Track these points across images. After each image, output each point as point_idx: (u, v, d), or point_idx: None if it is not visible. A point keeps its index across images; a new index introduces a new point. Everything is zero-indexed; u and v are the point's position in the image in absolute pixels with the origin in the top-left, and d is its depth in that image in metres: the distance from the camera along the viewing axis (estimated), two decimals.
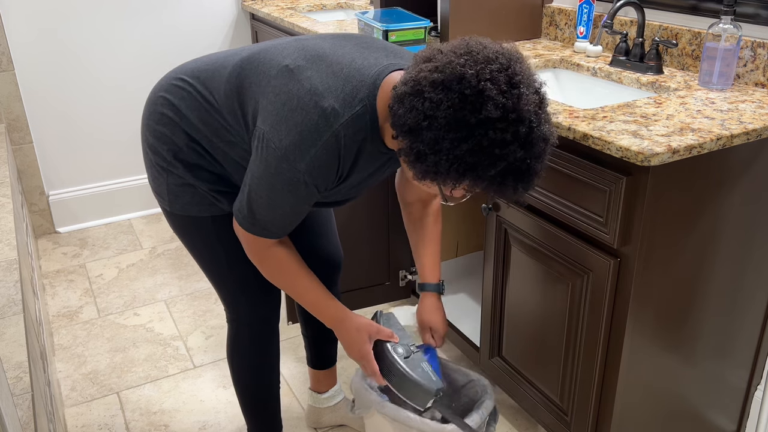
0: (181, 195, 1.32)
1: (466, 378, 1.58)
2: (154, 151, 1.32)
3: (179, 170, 1.30)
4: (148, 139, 1.32)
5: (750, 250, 1.45)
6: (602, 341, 1.39)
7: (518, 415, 1.85)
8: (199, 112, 1.25)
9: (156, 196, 1.39)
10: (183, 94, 1.27)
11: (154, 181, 1.35)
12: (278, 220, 1.19)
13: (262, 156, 1.13)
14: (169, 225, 1.43)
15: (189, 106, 1.26)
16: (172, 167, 1.30)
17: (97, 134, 2.88)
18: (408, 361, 1.30)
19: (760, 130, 1.30)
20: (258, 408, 1.57)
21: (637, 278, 1.30)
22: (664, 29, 1.74)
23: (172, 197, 1.33)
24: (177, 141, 1.28)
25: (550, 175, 1.40)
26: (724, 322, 1.50)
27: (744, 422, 1.69)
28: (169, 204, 1.35)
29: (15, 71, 2.62)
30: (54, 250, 2.77)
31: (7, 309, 1.45)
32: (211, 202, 1.32)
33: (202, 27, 2.93)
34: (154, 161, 1.33)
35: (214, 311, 2.35)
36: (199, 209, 1.33)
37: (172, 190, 1.32)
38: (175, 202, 1.33)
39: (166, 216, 1.41)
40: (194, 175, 1.30)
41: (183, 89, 1.27)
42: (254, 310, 1.46)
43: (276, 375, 1.55)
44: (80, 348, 2.17)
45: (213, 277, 1.45)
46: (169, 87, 1.29)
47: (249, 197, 1.17)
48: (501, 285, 1.67)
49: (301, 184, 1.12)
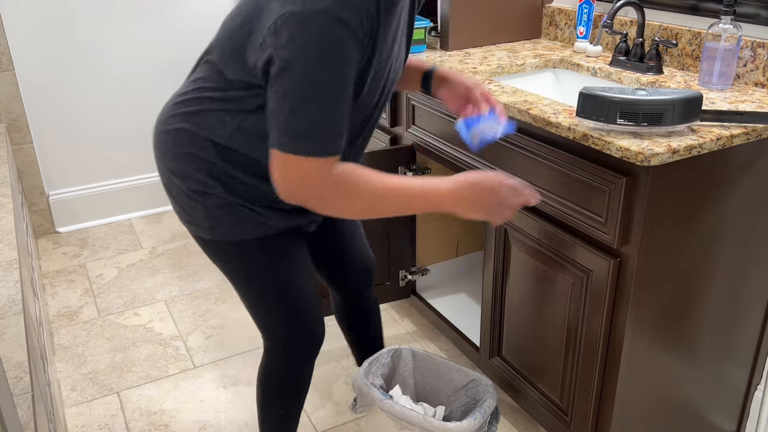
0: (223, 218, 1.22)
1: (468, 378, 1.58)
2: (182, 177, 1.22)
3: (217, 189, 1.20)
4: (171, 167, 1.23)
5: (750, 250, 1.45)
6: (602, 341, 1.39)
7: (518, 415, 1.86)
8: (212, 103, 1.17)
9: (190, 226, 1.28)
10: (187, 100, 1.20)
11: (188, 210, 1.25)
12: (327, 115, 1.04)
13: (285, 38, 1.01)
14: (208, 254, 1.32)
15: (201, 108, 1.18)
16: (209, 188, 1.20)
17: (97, 134, 2.88)
18: None
19: (760, 130, 1.30)
20: (277, 428, 1.51)
21: (637, 278, 1.30)
22: (664, 29, 1.74)
23: (212, 222, 1.23)
24: (206, 156, 1.19)
25: (551, 175, 1.40)
26: (724, 322, 1.50)
27: (744, 422, 1.69)
28: (210, 231, 1.24)
29: (15, 71, 2.62)
30: (54, 250, 2.77)
31: (7, 309, 1.45)
32: (257, 220, 1.23)
33: (202, 27, 2.93)
34: (185, 188, 1.22)
35: (214, 311, 2.35)
36: (242, 231, 1.24)
37: (212, 214, 1.22)
38: (217, 228, 1.23)
39: (204, 246, 1.30)
40: (234, 191, 1.20)
41: (183, 99, 1.21)
42: (296, 343, 1.38)
43: (301, 405, 1.49)
44: (80, 348, 2.17)
45: (255, 306, 1.34)
46: (168, 109, 1.23)
47: (283, 113, 1.04)
48: (501, 285, 1.67)
49: (335, 30, 1.00)
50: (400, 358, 1.63)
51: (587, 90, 1.28)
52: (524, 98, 1.49)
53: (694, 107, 1.25)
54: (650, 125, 1.24)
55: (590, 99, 1.27)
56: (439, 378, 1.63)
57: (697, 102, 1.25)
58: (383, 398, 1.45)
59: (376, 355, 1.60)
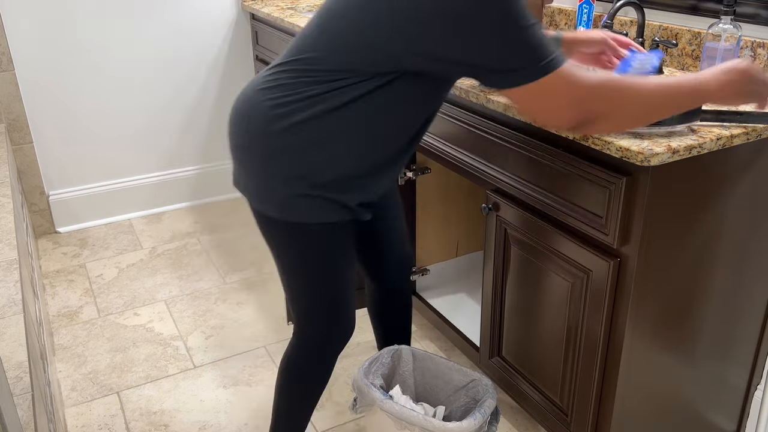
0: (302, 203, 1.22)
1: (468, 378, 1.58)
2: (278, 163, 1.20)
3: (317, 190, 1.21)
4: (274, 146, 1.20)
5: (750, 250, 1.45)
6: (602, 341, 1.39)
7: (518, 415, 1.86)
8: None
9: (259, 203, 1.26)
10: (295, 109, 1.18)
11: (268, 192, 1.23)
12: (538, 30, 1.05)
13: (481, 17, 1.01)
14: (265, 231, 1.31)
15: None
16: (311, 189, 1.21)
17: (97, 134, 2.88)
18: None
19: (760, 130, 1.30)
20: (292, 419, 1.53)
21: (637, 278, 1.30)
22: (664, 29, 1.74)
23: (288, 205, 1.22)
24: (317, 169, 1.19)
25: (551, 175, 1.40)
26: (724, 322, 1.50)
27: (744, 422, 1.69)
28: (281, 211, 1.24)
29: (15, 71, 2.62)
30: (54, 250, 2.78)
31: (7, 309, 1.45)
32: (331, 207, 1.24)
33: (202, 27, 2.93)
34: (276, 172, 1.21)
35: (214, 311, 2.35)
36: (319, 215, 1.24)
37: (294, 199, 1.22)
38: (294, 210, 1.23)
39: (264, 222, 1.29)
40: (329, 187, 1.21)
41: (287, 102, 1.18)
42: (332, 332, 1.40)
43: (318, 397, 1.51)
44: (80, 348, 2.17)
45: (300, 291, 1.35)
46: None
47: (519, 48, 1.03)
48: (501, 285, 1.67)
49: None
50: (400, 358, 1.63)
51: None
52: None
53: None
54: (650, 125, 1.24)
55: None
56: (439, 378, 1.63)
57: None
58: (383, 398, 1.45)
59: (376, 355, 1.61)
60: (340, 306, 1.37)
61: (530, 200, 1.48)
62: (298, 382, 1.47)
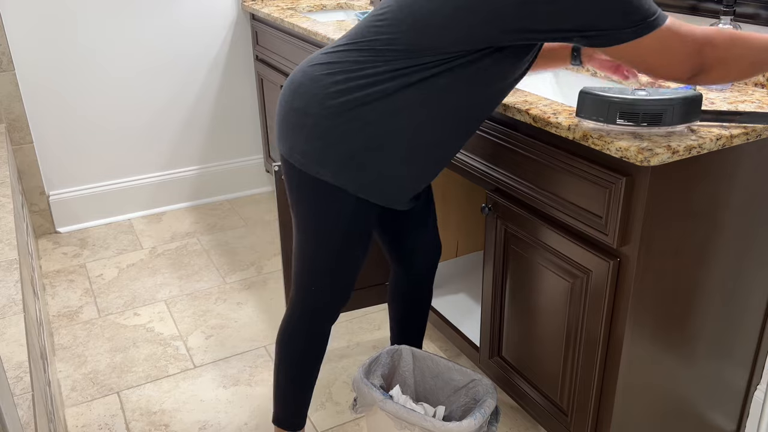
0: (361, 175, 1.29)
1: (468, 378, 1.58)
2: (358, 133, 1.25)
3: (384, 166, 1.28)
4: (351, 116, 1.25)
5: (750, 250, 1.45)
6: (602, 341, 1.39)
7: (518, 415, 1.86)
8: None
9: (318, 166, 1.29)
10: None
11: (321, 151, 1.28)
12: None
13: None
14: (298, 185, 1.35)
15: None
16: (379, 164, 1.28)
17: (97, 134, 2.88)
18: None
19: (760, 130, 1.30)
20: (291, 393, 1.57)
21: (637, 278, 1.30)
22: None
23: (336, 168, 1.28)
24: (395, 142, 1.26)
25: (550, 175, 1.40)
26: (724, 322, 1.51)
27: (744, 422, 1.69)
28: (334, 175, 1.28)
29: (15, 71, 2.62)
30: (54, 250, 2.78)
31: (7, 309, 1.45)
32: (397, 185, 1.32)
33: (202, 27, 2.94)
34: (352, 139, 1.26)
35: (214, 311, 2.35)
36: (369, 192, 1.31)
37: (353, 174, 1.28)
38: (340, 174, 1.28)
39: (304, 184, 1.33)
40: (394, 166, 1.29)
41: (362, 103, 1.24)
42: (327, 301, 1.45)
43: (317, 369, 1.55)
44: (80, 348, 2.17)
45: (310, 253, 1.40)
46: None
47: (626, 7, 1.10)
48: (501, 285, 1.67)
49: None
50: (400, 358, 1.63)
51: (587, 90, 1.28)
52: (524, 98, 1.49)
53: (694, 107, 1.25)
54: (650, 125, 1.24)
55: (590, 99, 1.28)
56: (439, 378, 1.63)
57: (697, 102, 1.25)
58: (383, 398, 1.45)
59: (376, 355, 1.61)
60: (342, 281, 1.42)
61: (530, 200, 1.48)
62: (296, 352, 1.51)
